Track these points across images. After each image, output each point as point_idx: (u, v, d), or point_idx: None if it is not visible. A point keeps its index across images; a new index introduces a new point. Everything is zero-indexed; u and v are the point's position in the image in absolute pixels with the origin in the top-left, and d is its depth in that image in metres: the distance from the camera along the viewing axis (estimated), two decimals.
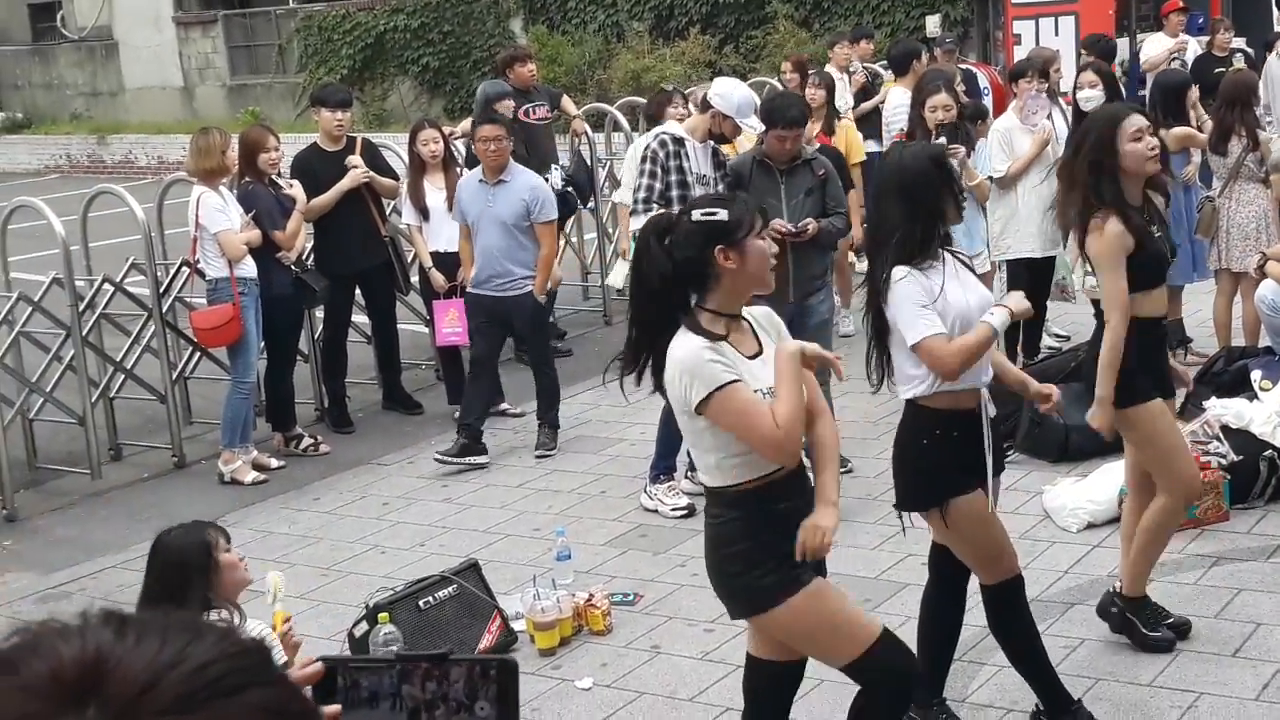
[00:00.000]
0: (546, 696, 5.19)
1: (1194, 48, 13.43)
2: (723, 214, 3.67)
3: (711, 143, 7.15)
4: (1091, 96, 8.20)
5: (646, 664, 5.38)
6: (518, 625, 5.68)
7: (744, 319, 3.80)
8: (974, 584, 5.42)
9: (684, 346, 3.66)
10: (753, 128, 7.20)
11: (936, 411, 4.33)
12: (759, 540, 3.70)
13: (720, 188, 7.07)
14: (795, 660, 4.00)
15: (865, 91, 12.32)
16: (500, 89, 9.95)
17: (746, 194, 6.91)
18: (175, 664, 1.03)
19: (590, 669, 5.38)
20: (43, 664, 1.02)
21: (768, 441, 3.59)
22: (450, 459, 7.81)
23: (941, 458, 4.32)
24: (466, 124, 10.47)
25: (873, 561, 6.11)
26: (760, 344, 3.79)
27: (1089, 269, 5.11)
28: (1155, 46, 13.71)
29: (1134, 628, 5.07)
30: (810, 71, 10.85)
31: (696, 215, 3.70)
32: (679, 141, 6.96)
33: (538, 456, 7.95)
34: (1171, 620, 5.12)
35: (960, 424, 4.32)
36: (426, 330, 9.32)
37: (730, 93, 7.14)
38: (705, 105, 7.29)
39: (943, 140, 7.80)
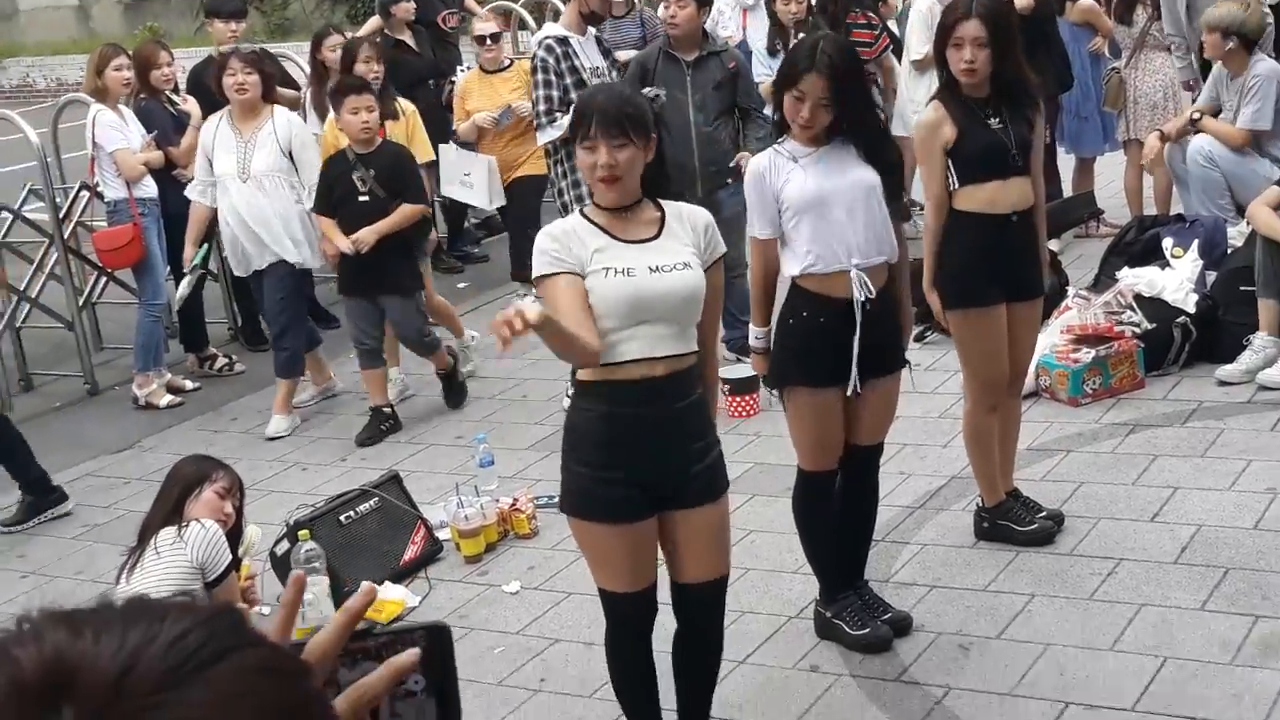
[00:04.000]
0: (474, 603, 5.18)
1: None
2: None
3: (593, 31, 6.99)
4: None
5: (574, 564, 5.35)
6: (442, 534, 5.65)
7: (651, 208, 3.64)
8: (893, 466, 5.46)
9: (553, 225, 3.66)
10: None
11: (805, 292, 4.29)
12: (593, 439, 3.57)
13: (614, 75, 6.95)
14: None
15: None
16: None
17: (650, 87, 6.82)
18: (148, 642, 0.94)
19: (518, 573, 5.37)
20: None
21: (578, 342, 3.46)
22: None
23: (804, 341, 4.30)
24: (371, 25, 10.26)
25: None
26: (661, 230, 3.61)
27: None
28: None
29: (1009, 530, 5.02)
30: None
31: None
32: (563, 41, 6.81)
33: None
34: (1045, 512, 5.08)
35: (824, 308, 4.26)
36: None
37: None
38: None
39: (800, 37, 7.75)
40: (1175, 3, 7.73)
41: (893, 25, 9.38)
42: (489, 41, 8.57)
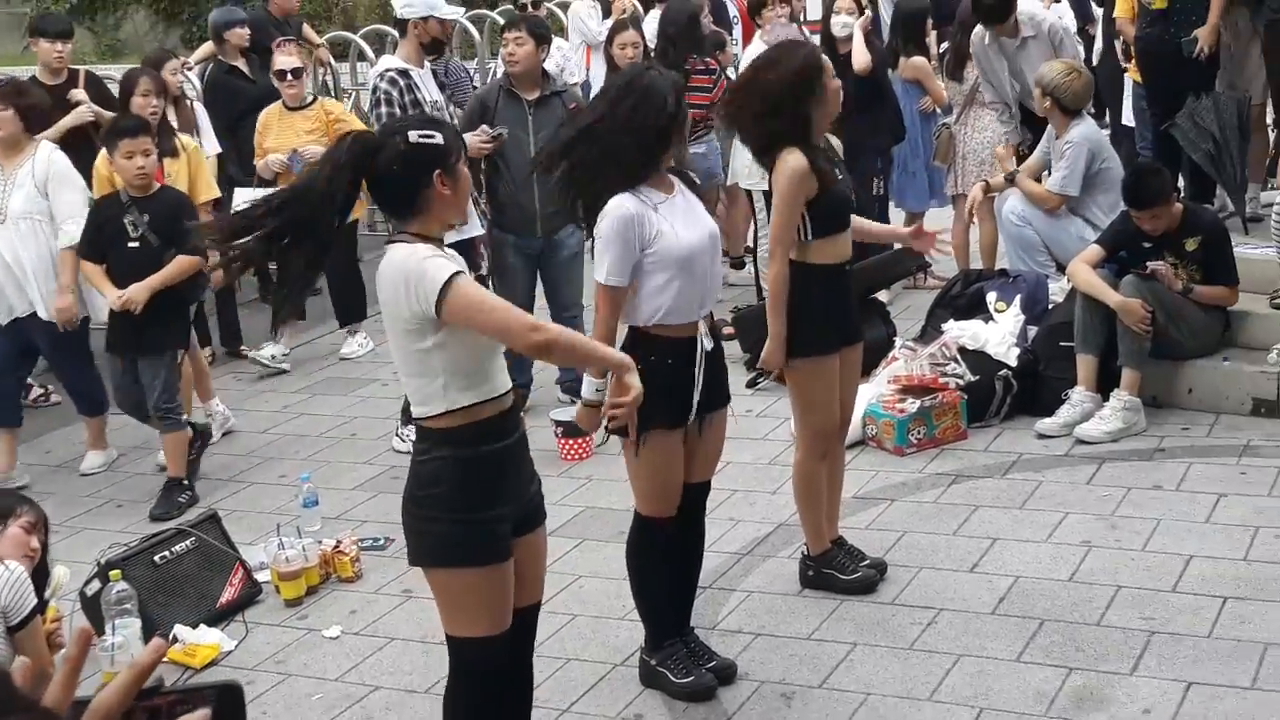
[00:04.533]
0: (292, 648, 5.04)
1: None
2: (439, 137, 3.47)
3: (429, 65, 6.93)
4: (848, 23, 8.26)
5: (398, 609, 5.27)
6: (262, 576, 5.50)
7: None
8: (722, 512, 5.48)
9: (401, 253, 3.42)
10: (451, 15, 7.07)
11: (651, 338, 4.27)
12: (463, 485, 3.50)
13: (450, 110, 6.90)
14: None
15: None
16: (232, 16, 9.52)
17: (492, 124, 6.80)
18: None
19: (339, 617, 5.25)
20: None
21: (516, 327, 3.43)
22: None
23: (657, 384, 4.26)
24: (202, 51, 10.08)
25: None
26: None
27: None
28: None
29: (833, 579, 5.07)
30: None
31: (413, 137, 3.45)
32: (405, 74, 6.74)
33: None
34: (868, 561, 5.14)
35: (674, 353, 4.27)
36: None
37: None
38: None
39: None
40: (997, 70, 7.94)
41: (731, 73, 9.50)
42: (289, 77, 8.11)
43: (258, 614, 5.33)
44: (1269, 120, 8.27)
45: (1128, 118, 8.90)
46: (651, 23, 9.00)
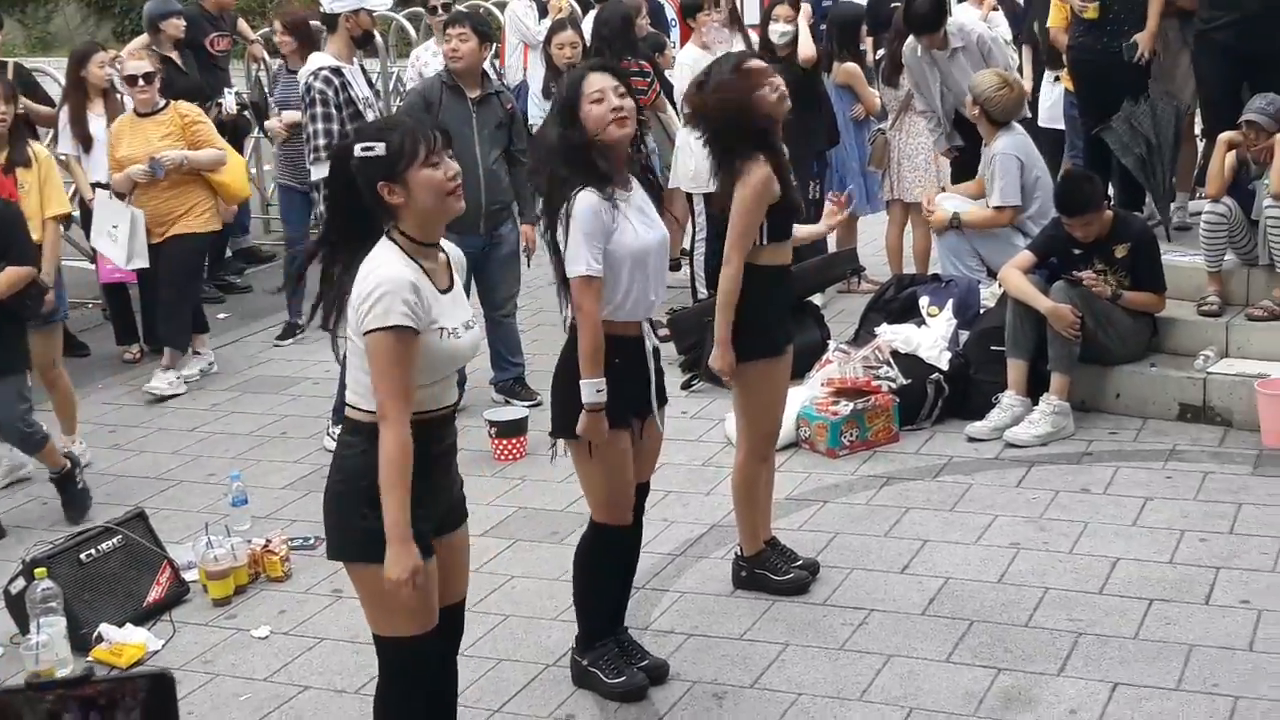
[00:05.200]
0: (220, 648, 4.99)
1: None
2: (380, 147, 3.40)
3: (358, 62, 6.88)
4: (786, 31, 8.29)
5: (328, 609, 5.23)
6: (190, 575, 5.43)
7: (442, 250, 3.56)
8: (656, 513, 5.49)
9: (392, 264, 3.37)
10: (382, 6, 7.04)
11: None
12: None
13: (379, 106, 6.86)
14: None
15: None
16: (168, 7, 9.42)
17: (433, 119, 6.75)
18: None
19: (268, 617, 5.20)
20: None
21: (392, 409, 3.32)
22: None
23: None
24: (136, 43, 9.96)
25: (562, 493, 6.10)
26: (452, 280, 3.56)
27: None
28: None
29: (766, 579, 5.09)
30: None
31: (357, 151, 3.43)
32: (338, 72, 6.69)
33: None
34: (800, 562, 5.16)
35: (621, 351, 4.27)
36: (91, 267, 8.81)
37: None
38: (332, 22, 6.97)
39: None
40: (929, 80, 8.00)
41: (670, 75, 9.51)
42: (141, 82, 7.69)
43: (185, 613, 5.26)
44: (1197, 130, 8.39)
45: (1043, 119, 8.96)
46: (590, 23, 8.99)
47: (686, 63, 8.44)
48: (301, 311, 8.60)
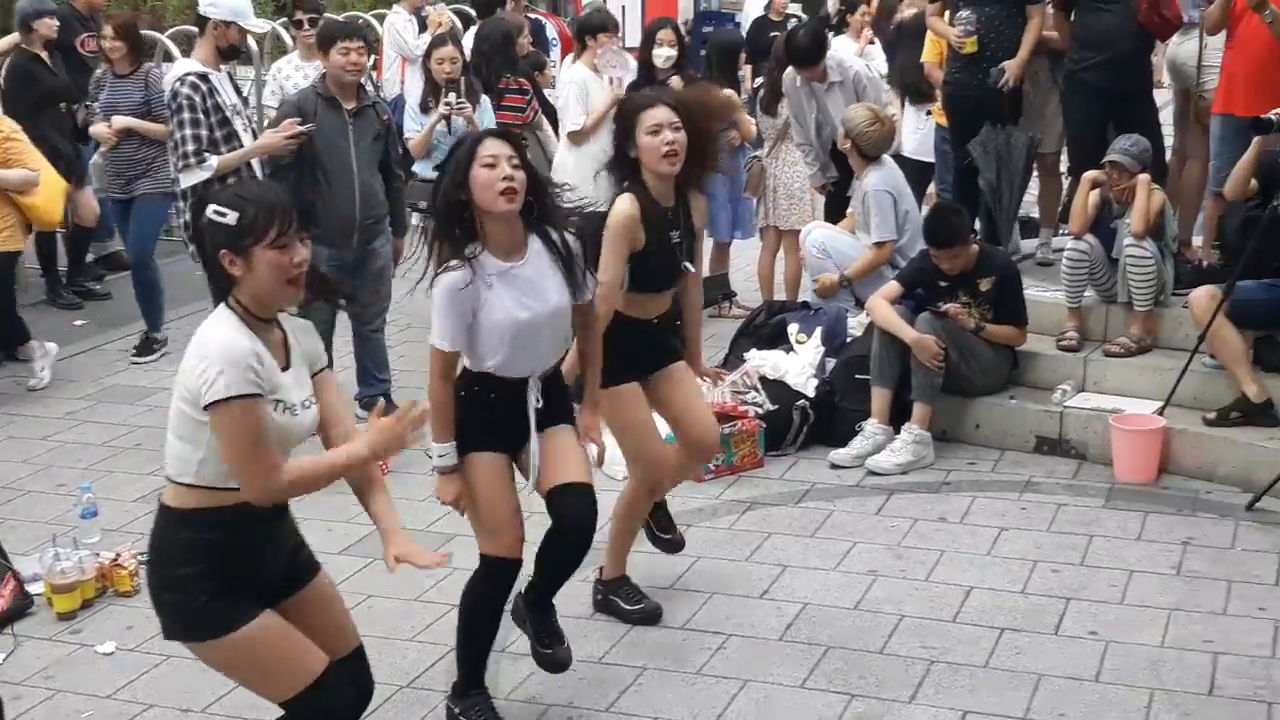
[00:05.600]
0: (63, 663, 4.84)
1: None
2: (232, 216, 3.27)
3: (225, 69, 6.75)
4: (670, 55, 8.31)
5: None
6: (35, 588, 5.27)
7: (279, 328, 3.40)
8: (528, 531, 5.43)
9: (226, 332, 3.26)
10: (257, 28, 6.95)
11: (476, 374, 4.19)
12: (208, 565, 3.35)
13: (248, 113, 6.75)
14: None
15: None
16: (41, 6, 9.21)
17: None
18: None
19: (114, 632, 5.06)
20: None
21: (257, 476, 3.26)
22: None
23: (474, 413, 4.19)
24: (7, 41, 9.75)
25: (424, 513, 6.03)
26: (289, 359, 3.41)
27: None
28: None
29: (618, 606, 5.08)
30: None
31: (209, 211, 3.30)
32: (204, 78, 6.56)
33: None
34: (644, 604, 5.10)
35: (500, 389, 4.19)
36: None
37: None
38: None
39: (450, 97, 7.80)
40: (806, 111, 8.08)
41: (550, 95, 9.49)
42: None
43: (28, 627, 5.10)
44: (1063, 169, 8.58)
45: (908, 149, 9.08)
46: (470, 39, 8.94)
47: (574, 80, 8.42)
48: (160, 325, 8.42)
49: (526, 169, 4.06)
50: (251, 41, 10.67)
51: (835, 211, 8.10)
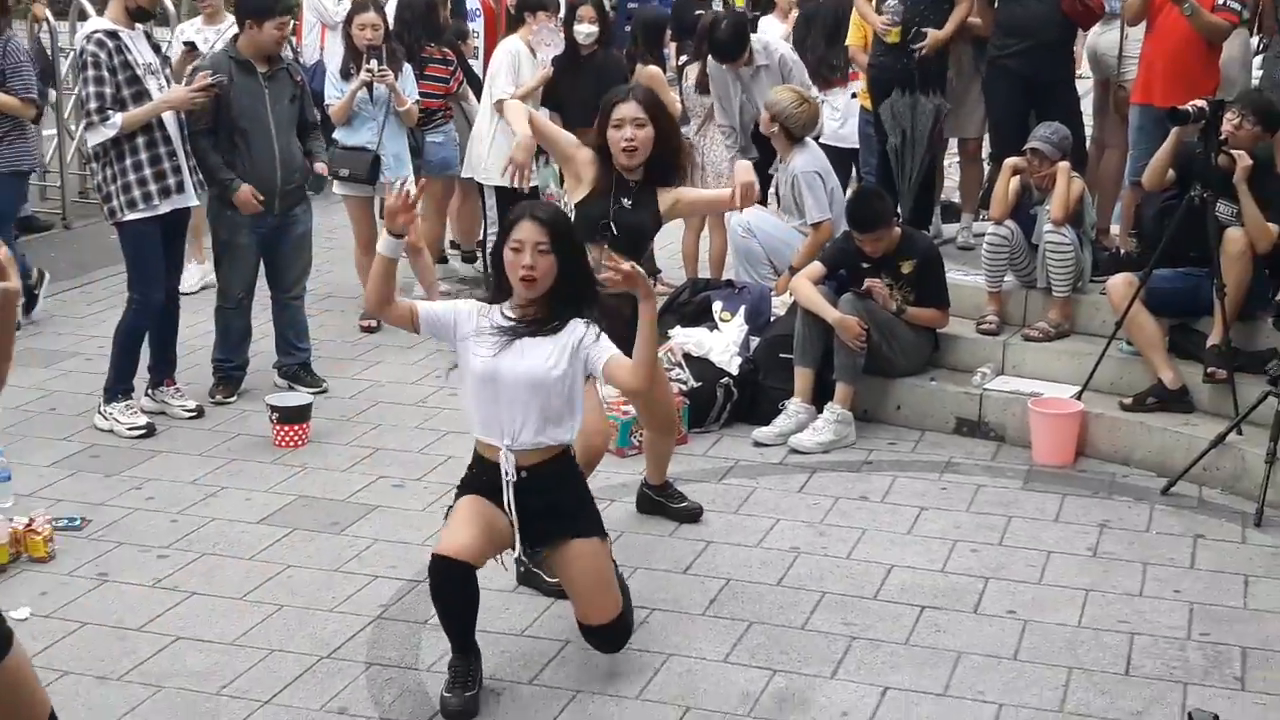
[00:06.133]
0: None
1: None
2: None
3: (140, 26, 6.60)
4: (591, 32, 8.31)
5: (92, 591, 5.02)
6: None
7: None
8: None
9: None
10: None
11: (476, 447, 4.43)
12: None
13: (166, 74, 6.62)
14: None
15: None
16: None
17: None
18: None
19: (28, 598, 4.96)
20: None
21: None
22: None
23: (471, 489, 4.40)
24: None
25: (344, 483, 5.98)
26: None
27: None
28: None
29: (663, 506, 5.62)
30: None
31: None
32: (114, 35, 6.41)
33: None
34: (686, 503, 5.66)
35: (483, 467, 4.39)
36: None
37: None
38: None
39: (372, 64, 7.73)
40: (731, 95, 8.09)
41: (473, 64, 9.42)
42: None
43: None
44: (984, 154, 8.67)
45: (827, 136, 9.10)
46: (393, 6, 8.84)
47: (509, 51, 8.38)
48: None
49: (561, 254, 4.25)
50: (169, 3, 10.50)
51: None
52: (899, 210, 7.66)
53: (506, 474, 4.31)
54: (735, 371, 6.80)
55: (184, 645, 4.64)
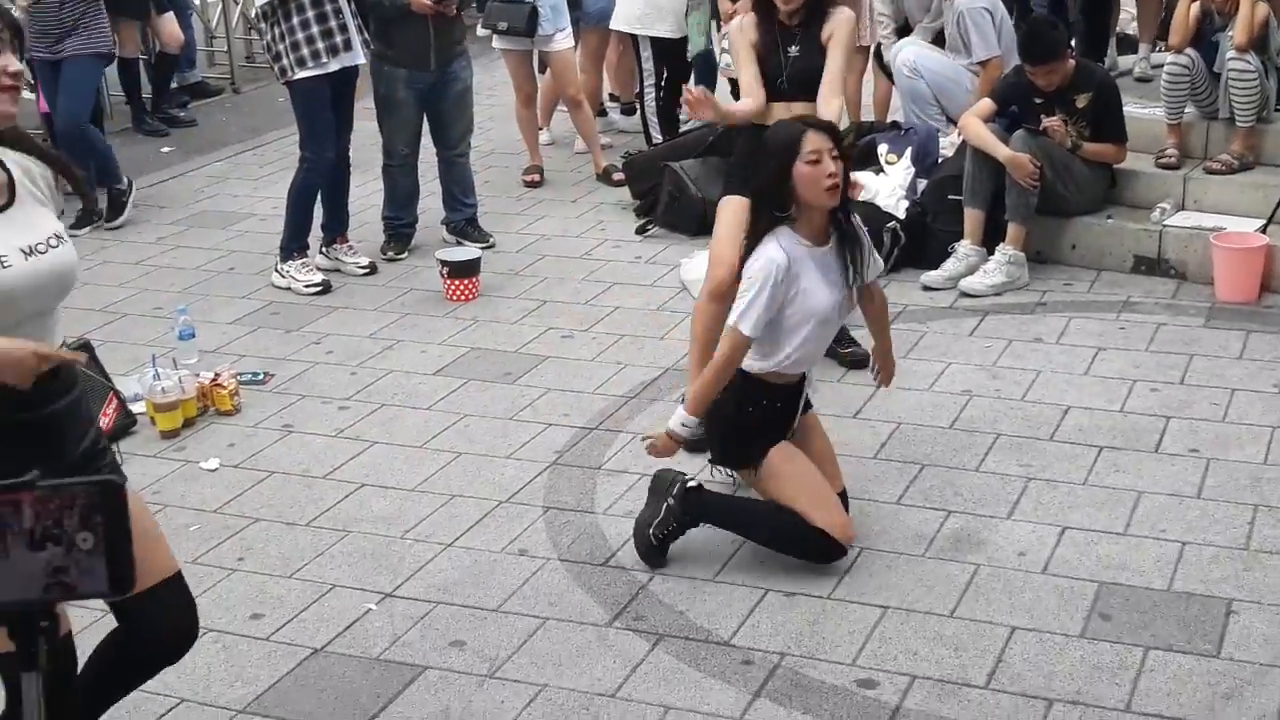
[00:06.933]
0: (169, 479, 4.94)
1: None
2: None
3: None
4: None
5: (278, 443, 5.19)
6: (137, 407, 5.37)
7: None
8: (609, 356, 5.43)
9: None
10: None
11: (760, 383, 4.23)
12: None
13: None
14: None
15: None
16: None
17: None
18: None
19: (217, 449, 5.15)
20: None
21: None
22: None
23: (763, 426, 4.26)
24: None
25: (514, 335, 6.06)
26: (13, 195, 2.81)
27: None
28: None
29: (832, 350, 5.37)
30: None
31: None
32: None
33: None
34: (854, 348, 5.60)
35: (782, 395, 4.28)
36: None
37: None
38: None
39: None
40: None
41: None
42: None
43: (133, 445, 5.19)
44: None
45: None
46: None
47: None
48: (96, 198, 7.64)
49: (845, 159, 4.11)
50: None
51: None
52: (1072, 42, 7.38)
53: (808, 392, 4.38)
54: (902, 215, 6.68)
55: (368, 492, 4.78)
